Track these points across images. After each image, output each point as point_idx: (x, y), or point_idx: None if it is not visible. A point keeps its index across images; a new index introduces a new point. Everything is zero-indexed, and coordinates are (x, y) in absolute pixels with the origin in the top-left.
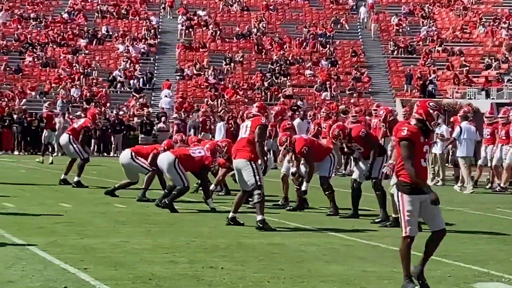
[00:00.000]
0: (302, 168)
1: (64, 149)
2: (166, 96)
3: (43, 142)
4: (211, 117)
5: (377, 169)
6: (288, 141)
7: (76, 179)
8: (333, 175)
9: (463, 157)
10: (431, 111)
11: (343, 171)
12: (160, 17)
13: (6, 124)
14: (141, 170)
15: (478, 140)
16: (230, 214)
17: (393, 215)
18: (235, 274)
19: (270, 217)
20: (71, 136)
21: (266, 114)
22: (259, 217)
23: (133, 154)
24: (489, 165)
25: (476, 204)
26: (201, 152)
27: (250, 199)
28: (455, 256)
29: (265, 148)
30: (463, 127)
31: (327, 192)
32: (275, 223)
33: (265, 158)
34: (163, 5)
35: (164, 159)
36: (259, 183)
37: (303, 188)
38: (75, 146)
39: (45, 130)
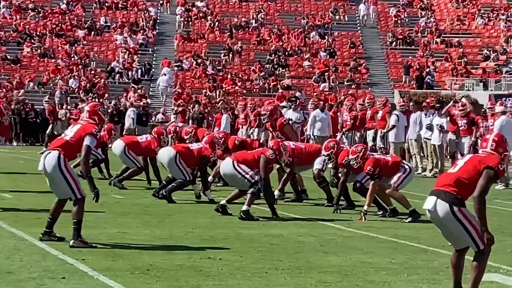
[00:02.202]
0: None
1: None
2: (165, 74)
3: (48, 134)
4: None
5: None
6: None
7: None
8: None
9: (395, 143)
10: None
11: None
12: (159, 8)
13: None
14: (130, 165)
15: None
16: (222, 201)
17: (389, 207)
18: (234, 265)
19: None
20: None
21: (278, 152)
22: (244, 207)
23: (126, 148)
24: None
25: None
26: (199, 144)
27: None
28: None
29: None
30: (398, 114)
31: (321, 186)
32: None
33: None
34: (161, 1)
35: (165, 154)
36: (253, 181)
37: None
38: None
39: (51, 123)
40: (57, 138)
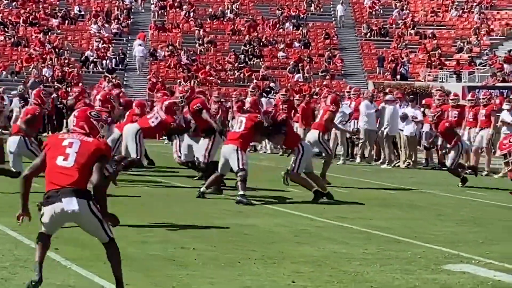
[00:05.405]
0: None
1: None
2: (140, 45)
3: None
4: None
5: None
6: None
7: None
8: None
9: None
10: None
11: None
12: None
13: None
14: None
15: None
16: (202, 188)
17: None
18: (207, 255)
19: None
20: None
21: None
22: (240, 192)
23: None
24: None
25: (446, 186)
26: (158, 118)
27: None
28: (426, 237)
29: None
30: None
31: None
32: (248, 204)
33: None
34: None
35: (130, 128)
36: (241, 167)
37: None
38: None
39: None
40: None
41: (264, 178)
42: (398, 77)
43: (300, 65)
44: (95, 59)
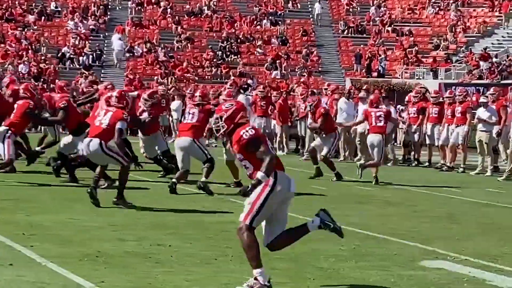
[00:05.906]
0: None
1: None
2: (119, 39)
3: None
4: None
5: None
6: None
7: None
8: None
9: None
10: None
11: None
12: None
13: None
14: None
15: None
16: (173, 180)
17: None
18: (183, 252)
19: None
20: None
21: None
22: (203, 178)
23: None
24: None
25: (423, 183)
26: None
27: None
28: (402, 234)
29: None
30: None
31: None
32: (225, 201)
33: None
34: None
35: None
36: (209, 157)
37: None
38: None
39: None
40: (95, 126)
41: (241, 175)
42: (375, 74)
43: (277, 62)
44: (71, 56)
